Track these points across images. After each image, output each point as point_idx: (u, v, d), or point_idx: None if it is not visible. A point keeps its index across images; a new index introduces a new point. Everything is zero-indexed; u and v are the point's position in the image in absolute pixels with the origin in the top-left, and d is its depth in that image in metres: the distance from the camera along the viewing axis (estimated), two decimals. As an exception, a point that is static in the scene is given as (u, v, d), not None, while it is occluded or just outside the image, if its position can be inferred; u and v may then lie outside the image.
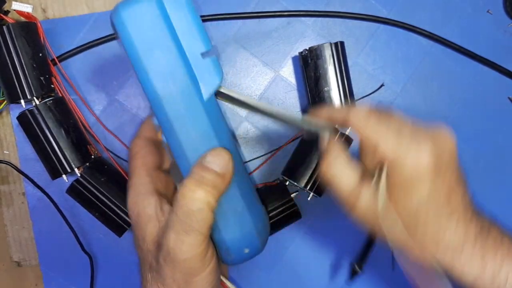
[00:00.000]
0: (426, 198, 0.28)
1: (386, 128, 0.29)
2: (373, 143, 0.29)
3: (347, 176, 0.31)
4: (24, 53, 0.39)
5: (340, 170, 0.31)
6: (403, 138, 0.28)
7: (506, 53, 0.47)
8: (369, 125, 0.29)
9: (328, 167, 0.31)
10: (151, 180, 0.32)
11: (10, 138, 0.45)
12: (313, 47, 0.42)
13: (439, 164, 0.28)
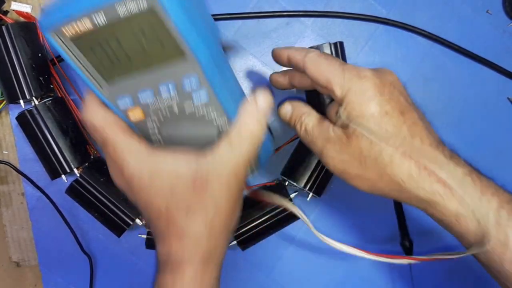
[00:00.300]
0: (378, 116, 0.30)
1: (333, 66, 0.31)
2: (324, 82, 0.31)
3: (316, 127, 0.34)
4: (23, 53, 0.39)
5: (312, 123, 0.34)
6: (346, 72, 0.31)
7: (506, 53, 0.47)
8: (320, 65, 0.32)
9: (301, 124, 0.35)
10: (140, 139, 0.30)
11: (9, 138, 0.45)
12: (312, 47, 0.42)
13: (382, 86, 0.31)
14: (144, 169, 0.28)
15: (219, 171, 0.28)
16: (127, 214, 0.41)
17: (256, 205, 0.43)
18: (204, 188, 0.28)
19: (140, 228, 0.45)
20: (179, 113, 0.29)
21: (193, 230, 0.29)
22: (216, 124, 0.30)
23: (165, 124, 0.30)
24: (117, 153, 0.29)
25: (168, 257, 0.30)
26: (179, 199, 0.28)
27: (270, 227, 0.43)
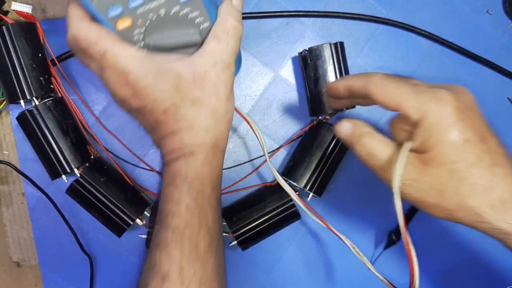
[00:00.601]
0: (459, 144, 0.28)
1: (403, 88, 0.30)
2: (395, 106, 0.30)
3: (382, 150, 0.32)
4: (23, 53, 0.39)
5: (376, 146, 0.32)
6: (421, 94, 0.29)
7: (506, 53, 0.47)
8: (387, 89, 0.30)
9: (363, 146, 0.33)
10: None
11: (9, 138, 0.45)
12: (312, 48, 0.42)
13: (462, 109, 0.29)
14: (149, 72, 0.31)
15: (213, 63, 0.32)
16: (127, 214, 0.41)
17: (256, 205, 0.43)
18: (204, 80, 0.32)
19: (140, 228, 0.45)
20: (164, 15, 0.31)
21: (200, 119, 0.32)
22: (198, 28, 0.33)
23: (151, 30, 0.32)
24: (119, 61, 0.30)
25: (180, 149, 0.32)
26: (184, 94, 0.31)
27: (270, 227, 0.43)
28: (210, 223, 0.33)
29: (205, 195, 0.33)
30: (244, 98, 0.46)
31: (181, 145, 0.33)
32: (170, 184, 0.33)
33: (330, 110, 0.42)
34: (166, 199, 0.33)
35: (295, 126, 0.46)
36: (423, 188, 0.30)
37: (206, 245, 0.33)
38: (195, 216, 0.32)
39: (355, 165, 0.47)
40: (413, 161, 0.30)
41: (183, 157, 0.33)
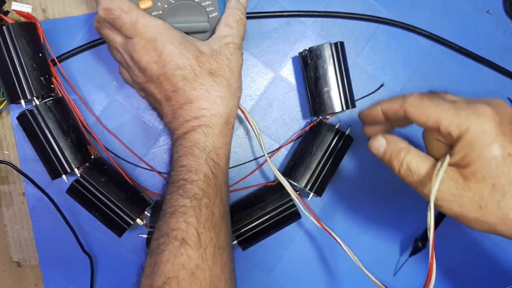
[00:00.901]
0: (501, 159, 0.28)
1: (442, 106, 0.30)
2: (434, 124, 0.30)
3: (420, 165, 0.32)
4: (24, 53, 0.39)
5: (414, 162, 0.32)
6: (461, 110, 0.29)
7: (506, 53, 0.47)
8: (425, 108, 0.30)
9: (401, 163, 0.32)
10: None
11: (10, 138, 0.45)
12: (313, 47, 0.42)
13: (503, 123, 0.29)
14: (174, 41, 0.35)
15: (226, 43, 0.36)
16: (127, 214, 0.41)
17: (257, 205, 0.43)
18: (220, 55, 0.36)
19: (140, 228, 0.45)
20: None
21: (217, 88, 0.35)
22: (208, 16, 0.38)
23: (167, 14, 0.37)
24: (148, 29, 0.34)
25: (197, 119, 0.35)
26: (202, 64, 0.35)
27: (271, 227, 0.43)
28: (224, 194, 0.35)
29: (220, 167, 0.35)
30: (244, 98, 0.46)
31: (198, 113, 0.35)
32: (187, 154, 0.35)
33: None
34: (183, 168, 0.34)
35: (295, 126, 0.46)
36: (464, 203, 0.30)
37: (220, 214, 0.34)
38: (211, 186, 0.34)
39: (355, 165, 0.47)
40: (453, 176, 0.30)
41: (200, 128, 0.35)
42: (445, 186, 0.30)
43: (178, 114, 0.36)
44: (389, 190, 0.48)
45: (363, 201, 0.48)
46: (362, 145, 0.47)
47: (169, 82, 0.35)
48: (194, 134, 0.35)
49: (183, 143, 0.35)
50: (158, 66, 0.35)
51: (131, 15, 0.34)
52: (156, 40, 0.34)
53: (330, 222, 0.47)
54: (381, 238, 0.48)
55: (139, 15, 0.34)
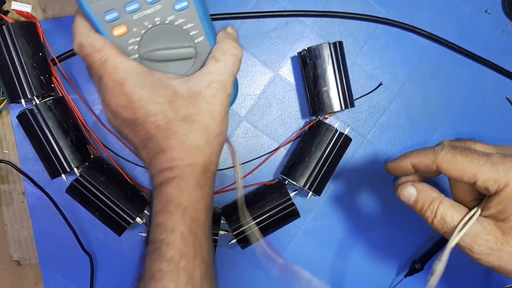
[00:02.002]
0: None
1: (477, 161, 0.30)
2: (470, 179, 0.30)
3: (454, 216, 0.32)
4: (24, 52, 0.39)
5: (448, 213, 0.32)
6: (498, 165, 0.29)
7: (505, 53, 0.47)
8: (459, 163, 0.30)
9: (434, 213, 0.32)
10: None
11: (10, 138, 0.45)
12: (311, 47, 0.42)
13: None
14: (145, 85, 0.31)
15: (209, 83, 0.32)
16: (127, 212, 0.41)
17: (256, 204, 0.43)
18: (198, 98, 0.32)
19: (140, 227, 0.45)
20: (160, 23, 0.32)
21: (192, 138, 0.32)
22: (193, 41, 0.33)
23: (146, 41, 0.33)
24: (118, 71, 0.31)
25: (170, 170, 0.32)
26: (177, 110, 0.31)
27: (270, 226, 0.43)
28: (205, 252, 0.33)
29: (199, 223, 0.32)
30: (243, 98, 0.46)
31: (170, 164, 0.32)
32: (162, 211, 0.32)
33: (328, 112, 0.42)
34: (159, 227, 0.32)
35: (294, 125, 0.46)
36: (503, 256, 0.30)
37: (202, 274, 0.32)
38: (190, 245, 0.31)
39: (353, 165, 0.47)
40: (491, 230, 0.30)
41: (174, 181, 0.32)
42: (483, 240, 0.30)
43: (153, 163, 0.33)
44: (388, 190, 0.48)
45: (362, 200, 0.48)
46: (360, 144, 0.47)
47: (142, 129, 0.32)
48: (168, 188, 0.32)
49: (159, 197, 0.33)
50: (128, 112, 0.32)
51: (101, 54, 0.31)
52: (125, 84, 0.31)
53: (329, 221, 0.48)
54: (379, 238, 0.48)
55: (110, 55, 0.31)
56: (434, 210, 0.32)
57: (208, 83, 0.32)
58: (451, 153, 0.31)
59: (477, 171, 0.29)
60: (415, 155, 0.33)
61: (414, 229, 0.48)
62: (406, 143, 0.47)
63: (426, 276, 0.48)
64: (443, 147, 0.31)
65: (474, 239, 0.30)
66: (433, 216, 0.32)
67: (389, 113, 0.47)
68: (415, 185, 0.33)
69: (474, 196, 0.33)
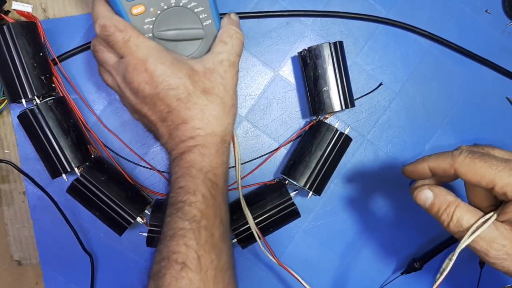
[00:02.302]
0: None
1: (496, 166, 0.30)
2: (488, 184, 0.30)
3: (470, 220, 0.32)
4: (24, 52, 0.39)
5: (465, 217, 0.32)
6: None
7: (505, 53, 0.47)
8: (478, 168, 0.30)
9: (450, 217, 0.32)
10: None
11: (10, 137, 0.45)
12: (312, 47, 0.42)
13: None
14: (166, 61, 0.35)
15: (220, 61, 0.36)
16: (128, 212, 0.41)
17: (256, 204, 0.43)
18: (213, 73, 0.36)
19: (141, 226, 0.45)
20: (174, 5, 0.36)
21: (211, 107, 0.35)
22: (202, 24, 0.37)
23: (160, 21, 0.36)
24: (140, 49, 0.34)
25: (193, 139, 0.35)
26: (195, 83, 0.35)
27: (270, 226, 0.44)
28: (223, 214, 0.35)
29: (218, 187, 0.35)
30: (244, 97, 0.46)
31: (193, 133, 0.35)
32: (185, 175, 0.34)
33: (329, 111, 0.43)
34: (181, 189, 0.34)
35: (295, 125, 0.46)
36: None
37: (220, 235, 0.34)
38: (210, 206, 0.34)
39: (353, 165, 0.47)
40: (507, 235, 0.30)
41: (195, 148, 0.34)
42: (499, 245, 0.30)
43: (174, 134, 0.36)
44: (388, 190, 0.48)
45: (362, 200, 0.48)
46: (361, 144, 0.47)
47: (163, 103, 0.35)
48: (191, 155, 0.35)
49: (180, 163, 0.35)
50: (150, 87, 0.35)
51: (124, 33, 0.34)
52: (147, 60, 0.34)
53: (329, 221, 0.48)
54: (378, 238, 0.48)
55: (133, 35, 0.34)
56: (451, 214, 0.32)
57: (219, 61, 0.36)
58: (470, 158, 0.31)
59: (496, 176, 0.29)
60: (433, 159, 0.33)
61: (416, 229, 0.48)
62: (406, 143, 0.47)
63: (424, 276, 0.48)
64: (462, 151, 0.31)
65: (490, 244, 0.30)
66: (449, 219, 0.32)
67: (390, 113, 0.47)
68: (431, 188, 0.33)
69: (490, 202, 0.33)
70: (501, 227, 0.30)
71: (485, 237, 0.30)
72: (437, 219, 0.33)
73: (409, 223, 0.48)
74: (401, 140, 0.47)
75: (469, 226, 0.31)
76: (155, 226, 0.42)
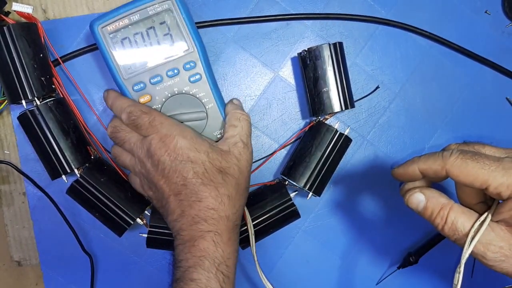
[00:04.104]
0: None
1: (488, 166, 0.29)
2: (482, 185, 0.29)
3: (465, 223, 0.31)
4: (24, 53, 0.39)
5: (459, 219, 0.31)
6: (510, 170, 0.28)
7: (505, 53, 0.47)
8: (470, 169, 0.29)
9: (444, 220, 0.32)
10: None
11: (10, 138, 0.45)
12: (312, 48, 0.42)
13: None
14: (187, 136, 0.37)
15: (234, 143, 0.38)
16: (128, 213, 0.41)
17: (256, 205, 0.43)
18: (229, 155, 0.37)
19: (141, 227, 0.45)
20: (177, 92, 0.40)
21: (226, 188, 0.36)
22: (205, 107, 0.40)
23: (167, 108, 0.40)
24: (164, 125, 0.37)
25: (205, 221, 0.35)
26: (213, 162, 0.36)
27: (270, 227, 0.44)
28: None
29: (230, 280, 0.35)
30: (244, 98, 0.46)
31: (206, 214, 0.35)
32: (197, 265, 0.34)
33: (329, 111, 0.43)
34: (193, 282, 0.33)
35: (295, 126, 0.46)
36: None
37: None
38: None
39: (353, 165, 0.47)
40: (504, 237, 0.30)
41: (209, 235, 0.34)
42: (496, 247, 0.29)
43: (187, 212, 0.35)
44: (388, 190, 0.48)
45: (362, 201, 0.48)
46: (361, 145, 0.47)
47: (180, 175, 0.35)
48: (204, 243, 0.34)
49: (192, 251, 0.34)
50: (170, 158, 0.36)
51: (149, 115, 0.37)
52: (171, 134, 0.36)
53: (329, 221, 0.48)
54: (378, 238, 0.48)
55: (156, 115, 0.37)
56: (444, 217, 0.31)
57: (234, 143, 0.38)
58: (461, 159, 0.30)
59: (489, 177, 0.29)
60: (423, 160, 0.32)
61: (411, 224, 0.48)
62: (406, 143, 0.47)
63: (419, 269, 0.48)
64: (452, 152, 0.30)
65: (487, 246, 0.30)
66: (443, 223, 0.31)
67: (389, 114, 0.47)
68: (423, 191, 0.33)
69: (480, 199, 0.33)
70: (496, 228, 0.30)
71: (481, 240, 0.30)
72: (431, 222, 0.32)
73: (404, 217, 0.48)
74: (401, 141, 0.47)
75: (464, 229, 0.30)
76: (155, 227, 0.42)
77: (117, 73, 0.39)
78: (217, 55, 0.45)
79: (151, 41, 0.39)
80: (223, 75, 0.45)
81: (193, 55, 0.39)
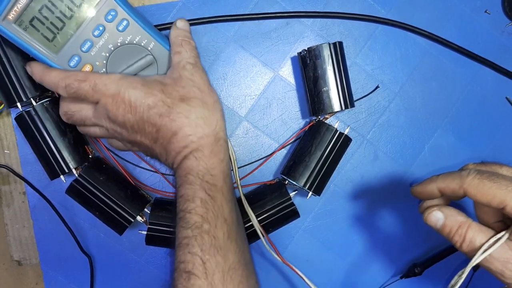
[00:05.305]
0: None
1: (506, 187, 0.29)
2: (499, 205, 0.29)
3: (483, 241, 0.31)
4: (13, 56, 0.39)
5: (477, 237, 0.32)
6: None
7: (504, 53, 0.47)
8: (487, 189, 0.30)
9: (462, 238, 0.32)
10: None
11: (10, 138, 0.45)
12: (312, 48, 0.42)
13: None
14: (137, 86, 0.36)
15: (182, 67, 0.37)
16: (128, 211, 0.41)
17: (256, 204, 0.43)
18: (182, 80, 0.37)
19: (140, 225, 0.45)
20: (114, 48, 0.37)
21: (195, 111, 0.36)
22: (147, 48, 0.38)
23: (111, 66, 0.38)
24: (109, 85, 0.35)
25: (186, 147, 0.35)
26: (171, 95, 0.36)
27: (270, 226, 0.44)
28: (226, 214, 0.35)
29: (217, 188, 0.36)
30: (244, 98, 0.46)
31: (185, 141, 0.35)
32: (183, 183, 0.35)
33: (329, 110, 0.43)
34: (182, 198, 0.35)
35: (294, 125, 0.46)
36: None
37: (225, 235, 0.34)
38: (210, 209, 0.34)
39: (353, 165, 0.47)
40: None
41: (190, 154, 0.35)
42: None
43: (169, 149, 0.36)
44: (388, 190, 0.48)
45: (361, 201, 0.48)
46: (360, 144, 0.47)
47: (149, 124, 0.36)
48: (187, 162, 0.36)
49: (178, 172, 0.36)
50: (132, 114, 0.35)
51: (88, 81, 0.35)
52: (120, 91, 0.35)
53: (329, 221, 0.48)
54: (378, 238, 0.48)
55: (96, 78, 0.36)
56: (463, 234, 0.32)
57: (182, 67, 0.37)
58: (478, 179, 0.30)
59: (506, 197, 0.29)
60: (441, 179, 0.33)
61: (414, 230, 0.48)
62: (406, 143, 0.47)
63: (423, 282, 0.48)
64: (469, 172, 0.31)
65: (505, 264, 0.30)
66: (462, 240, 0.32)
67: (389, 113, 0.47)
68: (442, 209, 0.33)
69: (499, 218, 0.33)
70: None
71: (499, 257, 0.30)
72: (449, 239, 0.33)
73: (410, 225, 0.48)
74: (400, 140, 0.47)
75: (481, 245, 0.31)
76: (154, 224, 0.42)
77: (46, 58, 0.36)
78: (217, 54, 0.45)
79: (60, 9, 0.35)
80: (223, 75, 0.45)
81: (109, 3, 0.36)
